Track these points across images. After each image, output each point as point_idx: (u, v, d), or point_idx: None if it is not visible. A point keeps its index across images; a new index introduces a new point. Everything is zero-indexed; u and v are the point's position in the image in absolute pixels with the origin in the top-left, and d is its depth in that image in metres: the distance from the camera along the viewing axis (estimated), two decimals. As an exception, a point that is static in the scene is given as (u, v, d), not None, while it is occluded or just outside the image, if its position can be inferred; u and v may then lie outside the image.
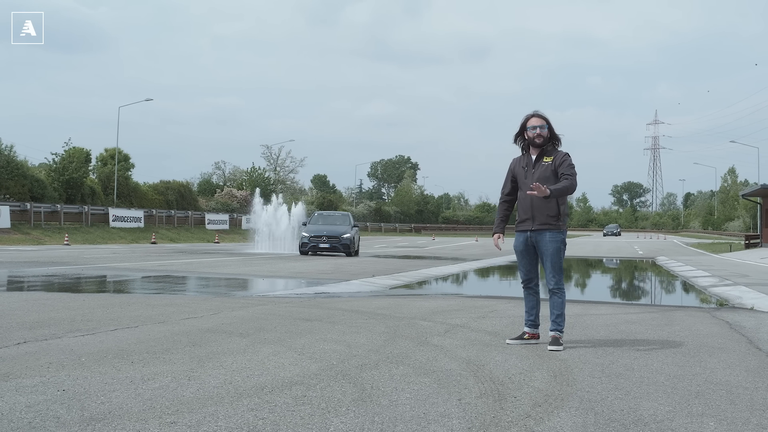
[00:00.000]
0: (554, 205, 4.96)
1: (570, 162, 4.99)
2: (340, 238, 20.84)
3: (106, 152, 42.40)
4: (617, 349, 4.84)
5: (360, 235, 24.19)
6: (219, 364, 4.05)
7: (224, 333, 5.26)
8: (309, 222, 22.66)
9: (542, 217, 4.97)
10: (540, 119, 5.01)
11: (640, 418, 3.00)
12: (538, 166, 5.01)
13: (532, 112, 5.08)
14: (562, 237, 5.03)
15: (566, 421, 2.93)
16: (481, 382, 3.66)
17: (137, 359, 4.15)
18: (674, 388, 3.60)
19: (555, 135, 5.06)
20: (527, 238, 5.06)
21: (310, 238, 21.02)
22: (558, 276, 5.01)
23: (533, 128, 4.99)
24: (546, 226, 4.97)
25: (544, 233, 4.98)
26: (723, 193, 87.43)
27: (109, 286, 10.42)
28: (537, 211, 4.98)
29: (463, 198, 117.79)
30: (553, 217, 4.97)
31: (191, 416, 2.92)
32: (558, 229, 4.99)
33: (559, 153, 5.03)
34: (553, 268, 5.00)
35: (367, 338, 5.13)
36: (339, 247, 20.75)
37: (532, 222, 5.01)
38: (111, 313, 6.33)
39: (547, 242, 4.97)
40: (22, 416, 2.88)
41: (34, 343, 4.67)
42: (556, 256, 4.99)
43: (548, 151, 5.04)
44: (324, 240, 20.83)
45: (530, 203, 5.00)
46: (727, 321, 6.69)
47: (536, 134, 4.98)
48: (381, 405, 3.15)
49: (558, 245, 4.99)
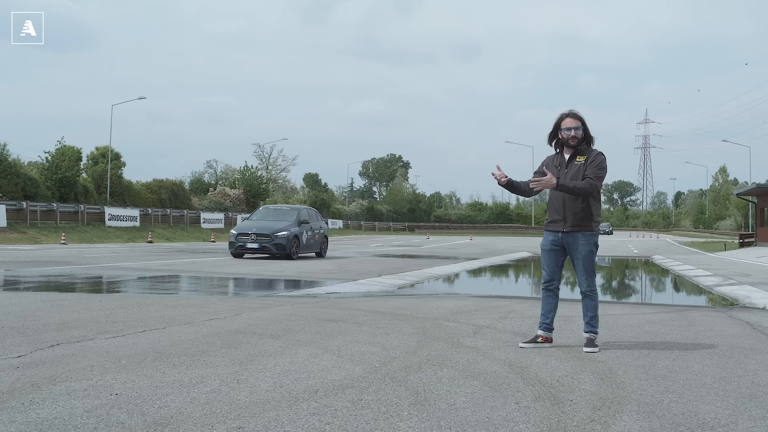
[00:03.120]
0: (587, 207, 4.90)
1: (599, 163, 4.89)
2: (272, 236, 17.08)
3: (97, 151, 42.04)
4: (652, 351, 4.85)
5: (329, 235, 20.68)
6: (262, 366, 4.03)
7: (255, 335, 5.23)
8: (251, 217, 19.33)
9: (575, 219, 4.91)
10: (575, 120, 4.91)
11: (703, 421, 3.00)
12: (571, 166, 4.92)
13: (567, 112, 4.98)
14: (595, 239, 4.99)
15: (632, 425, 2.93)
16: (531, 385, 3.65)
17: (178, 362, 4.12)
18: (725, 391, 3.61)
19: (589, 135, 4.99)
20: (558, 238, 4.99)
21: (237, 236, 17.54)
22: (591, 278, 4.99)
23: (568, 129, 4.91)
24: (579, 228, 4.92)
25: (577, 235, 4.93)
26: (714, 192, 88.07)
27: (120, 286, 10.35)
28: (569, 213, 4.91)
29: (455, 197, 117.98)
30: (586, 218, 4.92)
31: (255, 421, 2.90)
32: (591, 230, 4.95)
33: (592, 152, 4.95)
34: (586, 270, 4.97)
35: (399, 340, 5.12)
36: (270, 248, 17.04)
37: (564, 223, 4.95)
38: (133, 314, 6.29)
39: (580, 244, 4.93)
40: (85, 422, 2.84)
41: (67, 345, 4.62)
42: (589, 259, 4.97)
43: (582, 150, 4.97)
44: (252, 239, 17.20)
45: (562, 204, 4.93)
46: (747, 321, 6.72)
47: (571, 136, 4.90)
48: (441, 409, 3.14)
49: (591, 247, 4.96)
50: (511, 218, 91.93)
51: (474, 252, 25.38)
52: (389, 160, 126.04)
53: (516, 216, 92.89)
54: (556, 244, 5.02)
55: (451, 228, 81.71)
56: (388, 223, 77.68)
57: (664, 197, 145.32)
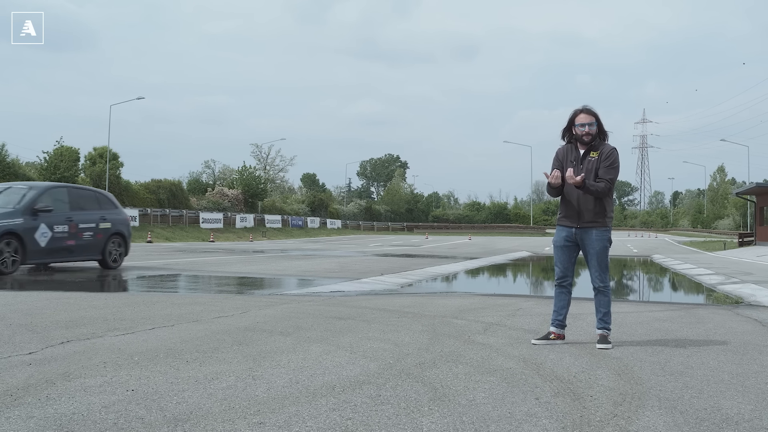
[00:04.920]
0: (600, 203, 4.89)
1: (613, 161, 4.86)
2: None
3: (95, 151, 41.98)
4: (665, 348, 4.83)
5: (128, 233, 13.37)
6: (275, 363, 4.00)
7: (264, 332, 5.20)
8: None
9: (589, 215, 4.88)
10: (589, 116, 4.88)
11: (727, 416, 2.98)
12: (586, 162, 4.89)
13: (582, 107, 4.94)
14: (608, 235, 4.96)
15: (655, 420, 2.91)
16: (548, 381, 3.63)
17: (191, 358, 4.09)
18: (744, 386, 3.59)
19: (603, 130, 4.97)
20: (571, 234, 4.97)
21: None
22: (604, 274, 4.96)
23: (582, 125, 4.87)
24: (593, 223, 4.90)
25: (591, 231, 4.90)
26: (712, 192, 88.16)
27: (125, 284, 10.31)
28: (584, 208, 4.89)
29: (453, 197, 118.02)
30: (600, 214, 4.90)
31: (276, 416, 2.87)
32: (605, 226, 4.93)
33: (606, 147, 4.91)
34: (600, 266, 4.95)
35: (410, 337, 5.09)
36: None
37: (579, 219, 4.93)
38: (139, 311, 6.26)
39: (594, 240, 4.90)
40: (104, 417, 2.82)
41: (77, 342, 4.59)
42: (603, 254, 4.94)
43: (595, 145, 4.94)
44: None
45: (576, 200, 4.91)
46: (756, 319, 6.71)
47: (585, 132, 4.87)
48: (461, 404, 3.11)
49: (605, 243, 4.93)
50: (509, 218, 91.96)
51: (474, 251, 25.36)
52: (387, 160, 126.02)
53: (514, 216, 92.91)
54: (569, 240, 4.99)
55: (450, 228, 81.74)
56: (387, 223, 77.69)
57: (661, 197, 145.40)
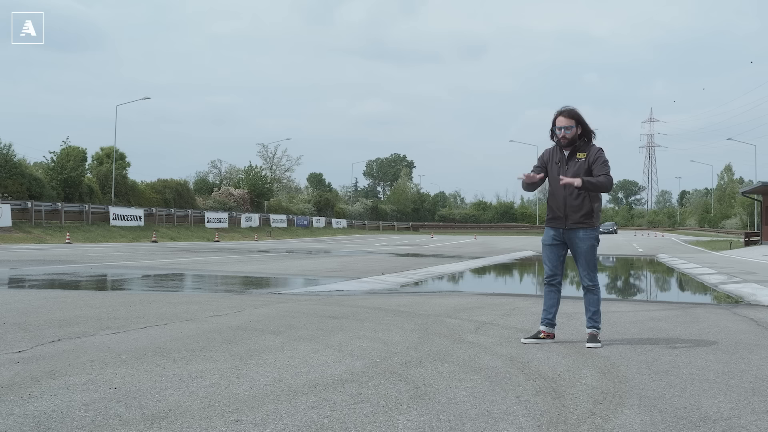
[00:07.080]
0: (587, 204, 4.86)
1: (604, 159, 4.85)
2: None
3: (101, 151, 42.12)
4: (655, 347, 4.82)
5: None
6: (262, 361, 4.01)
7: (256, 331, 5.22)
8: None
9: (575, 217, 4.87)
10: (568, 119, 4.84)
11: (705, 415, 2.98)
12: (572, 163, 4.88)
13: (562, 109, 4.89)
14: (596, 234, 4.96)
15: (633, 418, 2.91)
16: (532, 380, 3.63)
17: (178, 357, 4.11)
18: (728, 385, 3.58)
19: (588, 129, 4.93)
20: (559, 233, 4.96)
21: None
22: (592, 273, 4.96)
23: (559, 129, 4.85)
24: (580, 224, 4.89)
25: (578, 231, 4.89)
26: (719, 191, 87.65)
27: (124, 284, 10.36)
28: (570, 210, 4.88)
29: (459, 196, 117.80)
30: (587, 215, 4.88)
31: (253, 414, 2.88)
32: (592, 226, 4.92)
33: (593, 148, 4.88)
34: (588, 265, 4.95)
35: (401, 336, 5.10)
36: None
37: (566, 221, 4.92)
38: (135, 311, 6.29)
39: (581, 240, 4.88)
40: (83, 414, 2.84)
41: (68, 340, 4.62)
42: (590, 253, 4.94)
43: (581, 146, 4.91)
44: None
45: (563, 202, 4.89)
46: (752, 318, 6.68)
47: (561, 135, 4.85)
48: (440, 403, 3.12)
49: (592, 242, 4.92)
50: (515, 217, 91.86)
51: (478, 251, 25.34)
52: (393, 159, 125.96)
53: (520, 215, 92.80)
54: (557, 239, 4.99)
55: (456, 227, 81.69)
56: (392, 222, 77.68)
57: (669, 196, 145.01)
